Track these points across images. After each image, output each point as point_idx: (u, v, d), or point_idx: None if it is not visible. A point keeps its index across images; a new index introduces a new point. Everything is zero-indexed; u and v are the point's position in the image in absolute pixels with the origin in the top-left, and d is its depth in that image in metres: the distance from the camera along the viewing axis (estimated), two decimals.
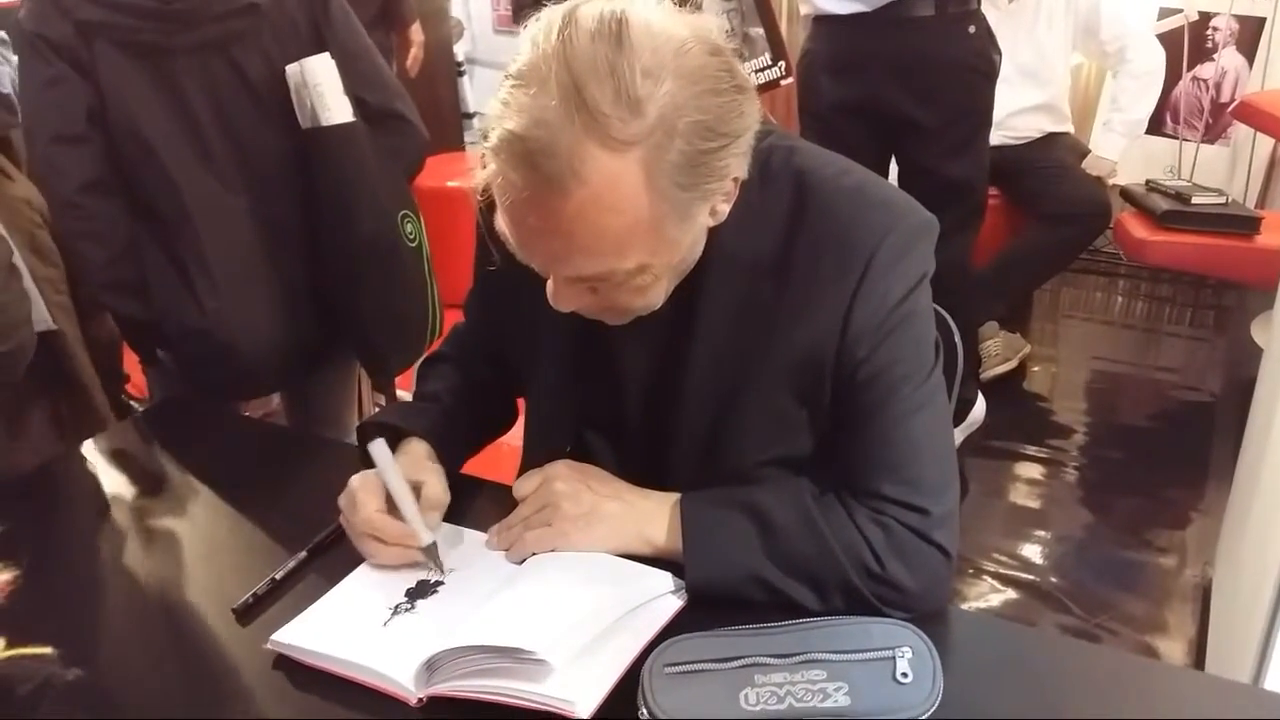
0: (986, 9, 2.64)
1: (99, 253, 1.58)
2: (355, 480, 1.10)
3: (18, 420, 1.75)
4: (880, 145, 2.71)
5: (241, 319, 1.63)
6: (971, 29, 2.57)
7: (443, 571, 1.05)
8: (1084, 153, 3.54)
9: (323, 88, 1.57)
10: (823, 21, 2.70)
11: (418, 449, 1.16)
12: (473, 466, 1.24)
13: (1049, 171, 3.40)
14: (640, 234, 0.85)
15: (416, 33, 3.94)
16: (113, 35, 1.49)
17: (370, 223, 1.67)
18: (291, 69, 1.58)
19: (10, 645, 0.69)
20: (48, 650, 0.70)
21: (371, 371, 1.97)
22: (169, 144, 1.55)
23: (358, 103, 1.63)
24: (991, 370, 3.35)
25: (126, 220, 1.59)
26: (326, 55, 1.59)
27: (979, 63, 2.61)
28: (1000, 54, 2.64)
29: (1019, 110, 3.37)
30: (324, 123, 1.59)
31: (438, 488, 1.10)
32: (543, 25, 0.82)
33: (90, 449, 1.43)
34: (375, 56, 1.72)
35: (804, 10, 2.78)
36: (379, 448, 1.09)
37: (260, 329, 1.66)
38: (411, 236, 1.76)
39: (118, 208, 1.57)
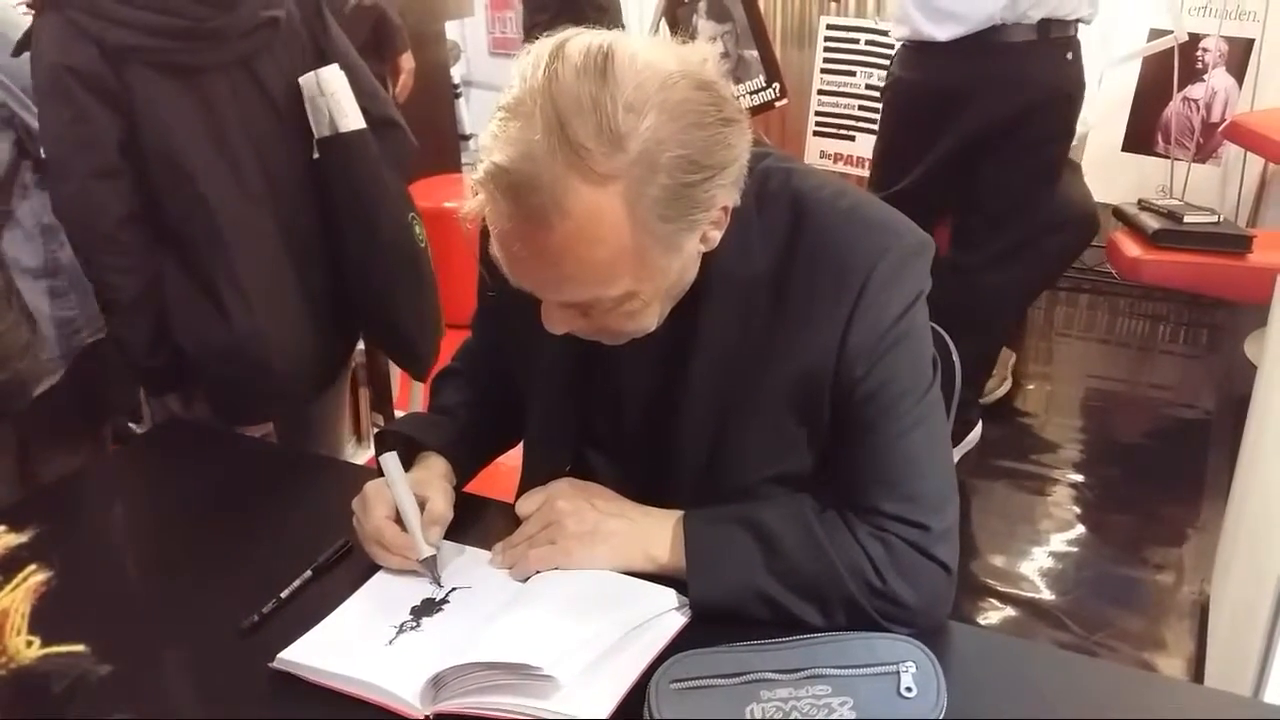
0: None
1: (133, 285, 1.57)
2: (370, 486, 1.12)
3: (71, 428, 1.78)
4: (965, 170, 2.70)
5: (274, 335, 1.64)
6: (1069, 55, 2.59)
7: (440, 584, 1.06)
8: (1073, 164, 3.57)
9: (339, 96, 1.62)
10: (920, 49, 2.67)
11: (434, 463, 1.18)
12: (471, 484, 1.25)
13: None
14: (625, 264, 0.87)
15: (407, 60, 3.98)
16: (146, 58, 1.49)
17: (391, 226, 1.72)
18: (307, 79, 1.61)
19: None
20: (81, 648, 0.71)
21: (410, 368, 1.98)
22: (204, 164, 1.56)
23: (361, 111, 1.67)
24: (991, 393, 3.35)
25: (154, 249, 1.59)
26: (336, 66, 1.63)
27: (1072, 88, 2.63)
28: (1084, 83, 2.66)
29: None
30: (341, 130, 1.62)
31: (441, 504, 1.11)
32: (531, 59, 0.85)
33: (94, 473, 1.44)
34: (367, 69, 1.77)
35: (899, 34, 2.72)
36: (391, 460, 1.11)
37: (290, 344, 1.68)
38: (420, 238, 1.82)
39: (148, 238, 1.58)
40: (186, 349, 1.63)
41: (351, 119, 1.63)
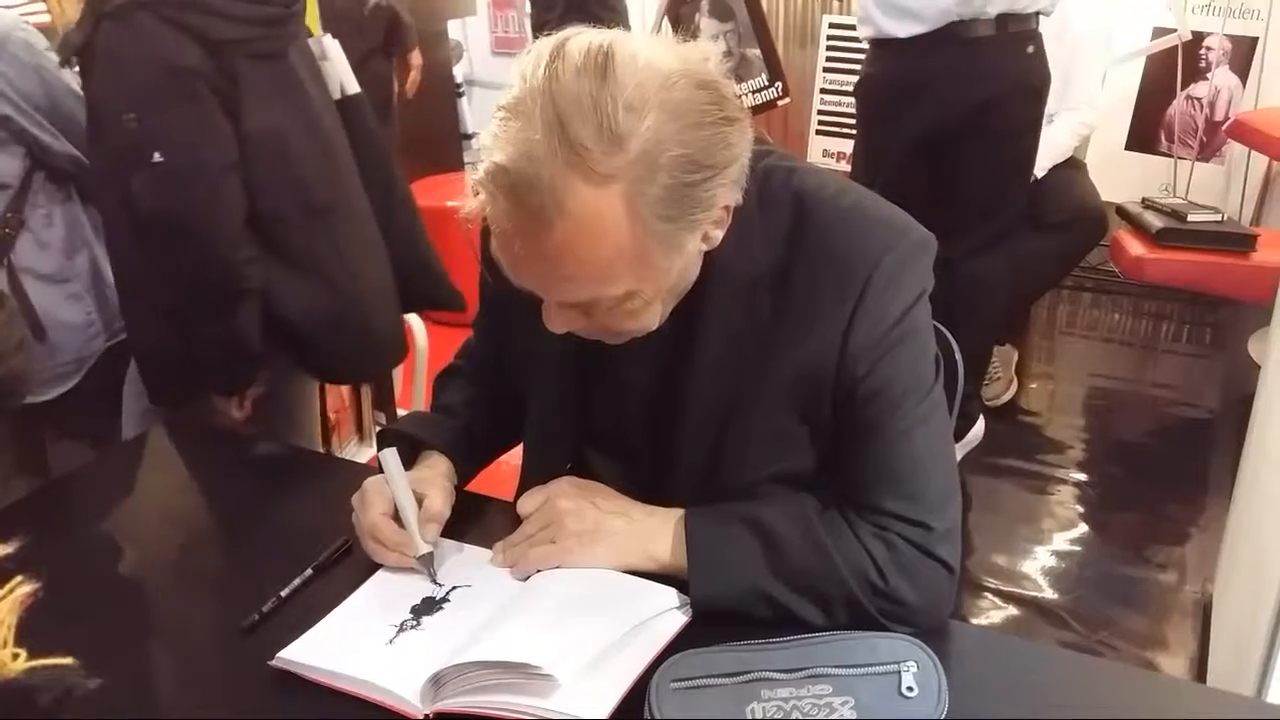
0: None
1: (260, 273, 1.59)
2: (369, 483, 1.12)
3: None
4: (940, 167, 2.71)
5: (374, 294, 1.72)
6: (1030, 48, 2.59)
7: (436, 581, 1.06)
8: (1079, 163, 3.57)
9: (339, 61, 1.69)
10: (887, 45, 2.69)
11: (436, 462, 1.18)
12: (471, 483, 1.25)
13: (1045, 182, 3.42)
14: (625, 263, 0.87)
15: (416, 57, 4.02)
16: (250, 50, 1.52)
17: (399, 179, 1.80)
18: (313, 44, 1.66)
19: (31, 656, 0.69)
20: (69, 661, 0.70)
21: (453, 304, 2.02)
22: (300, 144, 1.59)
23: None
24: (999, 397, 3.34)
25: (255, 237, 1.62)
26: (329, 35, 1.70)
27: (1036, 81, 2.64)
28: (1050, 74, 2.67)
29: None
30: (349, 92, 1.70)
31: (438, 502, 1.11)
32: (532, 58, 0.85)
33: (94, 470, 1.44)
34: None
35: (865, 34, 2.76)
36: (390, 456, 1.12)
37: (388, 300, 1.76)
38: None
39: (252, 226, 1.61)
40: (296, 323, 1.64)
41: (352, 82, 1.71)
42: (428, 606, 1.03)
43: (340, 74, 1.69)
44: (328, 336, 1.67)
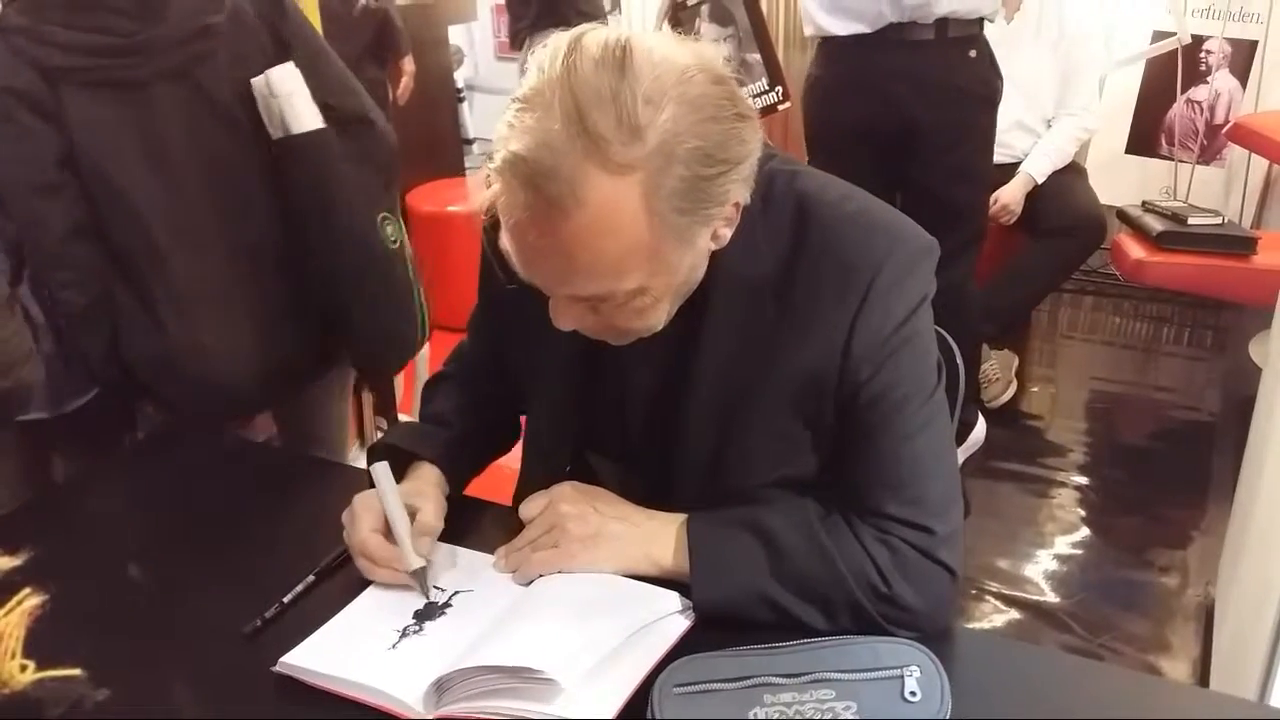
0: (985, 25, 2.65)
1: (80, 299, 1.55)
2: (358, 499, 1.12)
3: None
4: (887, 172, 2.69)
5: (216, 347, 1.61)
6: (972, 53, 2.57)
7: (428, 597, 1.06)
8: (1079, 168, 3.57)
9: (294, 96, 1.56)
10: (827, 44, 2.72)
11: (427, 474, 1.17)
12: (471, 488, 1.25)
13: (1044, 187, 3.43)
14: (639, 256, 0.87)
15: (408, 63, 4.00)
16: (82, 78, 1.47)
17: (348, 227, 1.66)
18: (257, 81, 1.56)
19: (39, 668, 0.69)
20: (77, 672, 0.70)
21: (370, 377, 1.93)
22: (139, 180, 1.53)
23: (324, 109, 1.62)
24: (998, 398, 3.35)
25: (102, 263, 1.56)
26: (291, 64, 1.58)
27: (978, 87, 2.61)
28: (1002, 79, 2.65)
29: (1010, 126, 3.39)
30: (295, 131, 1.58)
31: (431, 515, 1.11)
32: (549, 51, 0.85)
33: (94, 477, 1.43)
34: (336, 59, 1.70)
35: (808, 32, 2.78)
36: (381, 470, 1.11)
37: (239, 355, 1.63)
38: (392, 239, 1.74)
39: (95, 251, 1.55)
40: (128, 361, 1.60)
41: (306, 119, 1.58)
42: (430, 611, 1.03)
43: (286, 111, 1.57)
44: (157, 381, 1.62)
